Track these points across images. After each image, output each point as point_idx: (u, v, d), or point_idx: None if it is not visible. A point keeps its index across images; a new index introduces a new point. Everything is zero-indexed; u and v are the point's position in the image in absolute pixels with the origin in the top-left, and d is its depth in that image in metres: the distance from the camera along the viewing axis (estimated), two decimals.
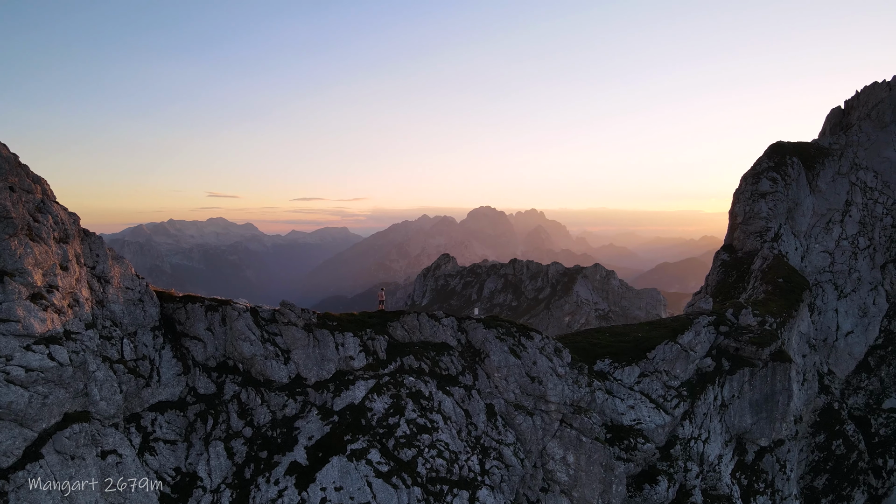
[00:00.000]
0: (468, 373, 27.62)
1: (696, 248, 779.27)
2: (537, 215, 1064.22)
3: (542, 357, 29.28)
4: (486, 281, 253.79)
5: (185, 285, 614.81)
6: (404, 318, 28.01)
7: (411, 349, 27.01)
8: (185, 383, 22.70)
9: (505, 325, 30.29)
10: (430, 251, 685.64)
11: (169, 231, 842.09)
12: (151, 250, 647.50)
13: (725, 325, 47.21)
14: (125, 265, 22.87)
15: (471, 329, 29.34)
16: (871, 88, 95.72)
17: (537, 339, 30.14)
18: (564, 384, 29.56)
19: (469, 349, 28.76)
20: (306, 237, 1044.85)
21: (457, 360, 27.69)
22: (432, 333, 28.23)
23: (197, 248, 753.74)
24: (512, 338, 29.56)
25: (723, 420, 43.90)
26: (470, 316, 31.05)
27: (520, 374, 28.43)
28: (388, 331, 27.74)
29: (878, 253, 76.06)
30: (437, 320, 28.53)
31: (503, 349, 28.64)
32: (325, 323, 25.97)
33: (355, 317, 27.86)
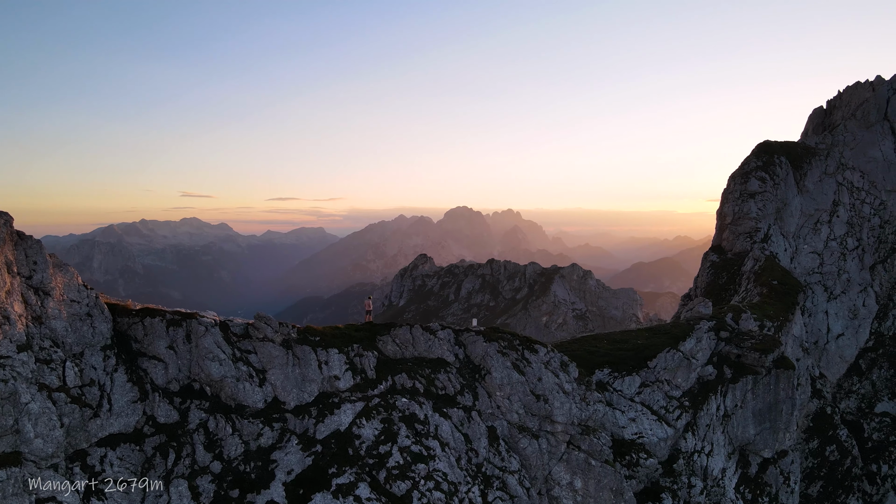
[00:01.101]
0: (467, 392, 24.71)
1: (670, 248, 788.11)
2: (514, 215, 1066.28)
3: (547, 372, 26.50)
4: (464, 281, 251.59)
5: (157, 286, 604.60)
6: (396, 331, 25.00)
7: (404, 366, 24.02)
8: (142, 411, 19.41)
9: (507, 338, 27.38)
10: (407, 251, 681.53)
11: (141, 231, 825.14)
12: (123, 251, 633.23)
13: (726, 331, 45.08)
14: (70, 274, 19.46)
15: (469, 343, 26.41)
16: (854, 88, 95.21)
17: (542, 352, 27.34)
18: (572, 402, 26.84)
19: (468, 365, 25.86)
20: (282, 237, 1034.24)
21: (455, 377, 24.75)
22: (427, 348, 25.26)
23: (170, 249, 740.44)
24: (515, 352, 26.70)
25: (725, 431, 41.70)
26: (468, 328, 28.11)
27: (524, 392, 25.61)
28: (378, 346, 24.68)
29: (866, 254, 75.02)
30: (432, 333, 25.56)
31: (505, 365, 25.77)
32: (307, 338, 22.82)
33: (340, 330, 24.70)
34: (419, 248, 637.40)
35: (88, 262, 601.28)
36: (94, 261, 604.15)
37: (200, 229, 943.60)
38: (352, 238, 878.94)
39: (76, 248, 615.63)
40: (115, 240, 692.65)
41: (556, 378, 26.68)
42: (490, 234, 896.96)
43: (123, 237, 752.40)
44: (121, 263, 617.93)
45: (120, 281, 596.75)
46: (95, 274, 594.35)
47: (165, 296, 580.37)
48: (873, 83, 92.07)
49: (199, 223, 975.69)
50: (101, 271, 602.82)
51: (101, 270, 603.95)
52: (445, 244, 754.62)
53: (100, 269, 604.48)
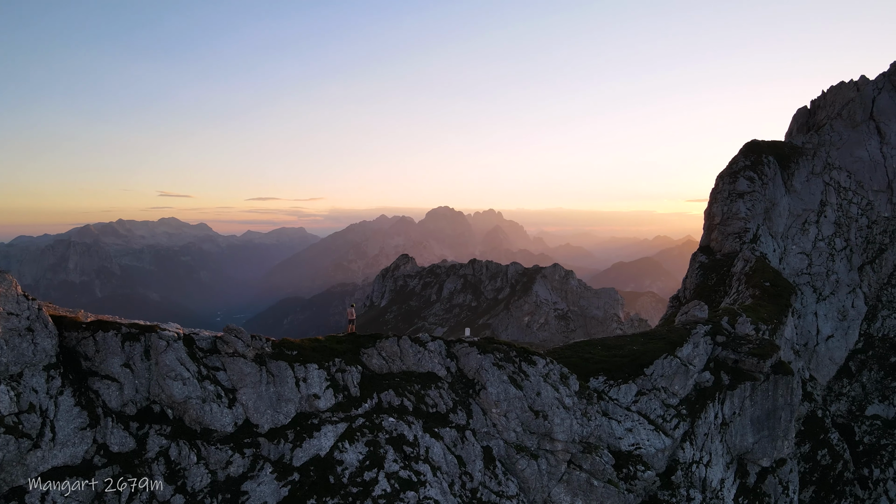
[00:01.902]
0: (461, 409, 22.51)
1: (649, 248, 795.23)
2: (495, 215, 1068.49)
3: (546, 386, 24.41)
4: (446, 281, 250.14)
5: (135, 287, 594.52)
6: (382, 343, 22.68)
7: (391, 382, 21.76)
8: (93, 439, 16.95)
9: (503, 349, 25.18)
10: (388, 251, 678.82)
11: (118, 231, 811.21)
12: (99, 251, 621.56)
13: (722, 335, 43.45)
14: (7, 282, 16.90)
15: (462, 355, 24.20)
16: (839, 88, 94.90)
17: (541, 364, 25.23)
18: (573, 418, 24.79)
19: (461, 379, 23.66)
20: (262, 237, 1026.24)
21: (447, 393, 22.54)
22: (416, 361, 23.01)
23: (148, 249, 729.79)
24: (511, 364, 24.55)
25: (724, 440, 40.05)
26: (461, 338, 25.87)
27: (522, 408, 23.49)
28: (362, 359, 22.36)
29: (854, 254, 74.33)
30: (421, 345, 23.31)
31: (502, 378, 23.62)
32: (282, 352, 20.41)
33: (320, 343, 22.25)
34: (401, 248, 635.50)
35: (64, 262, 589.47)
36: (70, 261, 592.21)
37: (179, 229, 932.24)
38: (333, 238, 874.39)
39: (51, 249, 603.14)
40: (91, 240, 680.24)
41: (555, 392, 24.60)
42: (471, 234, 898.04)
43: (100, 237, 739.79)
44: (97, 264, 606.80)
45: (96, 282, 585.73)
46: (71, 275, 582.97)
47: (143, 297, 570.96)
48: (857, 83, 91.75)
49: (177, 223, 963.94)
50: (77, 272, 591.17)
51: (77, 271, 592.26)
52: (427, 244, 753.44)
53: (76, 269, 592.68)
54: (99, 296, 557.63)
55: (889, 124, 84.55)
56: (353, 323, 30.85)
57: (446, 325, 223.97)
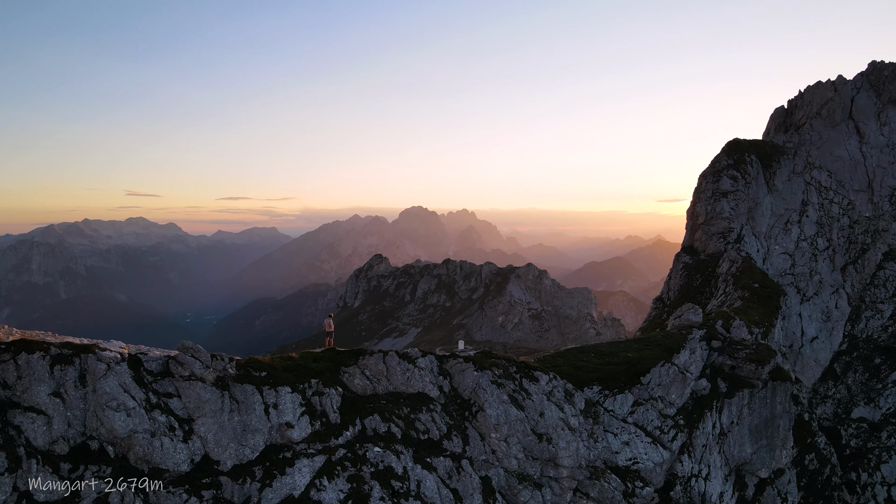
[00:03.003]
0: (456, 435, 19.72)
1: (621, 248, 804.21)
2: (468, 215, 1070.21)
3: (550, 405, 21.79)
4: (420, 281, 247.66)
5: (102, 288, 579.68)
6: (365, 360, 19.72)
7: (376, 405, 18.86)
8: (13, 486, 13.79)
9: (502, 364, 22.40)
10: (361, 251, 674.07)
11: (84, 231, 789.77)
12: (64, 252, 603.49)
13: (717, 340, 41.48)
14: None
15: (457, 372, 21.35)
16: (816, 88, 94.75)
17: (543, 380, 22.59)
18: (579, 440, 22.24)
19: (455, 400, 20.86)
20: (233, 237, 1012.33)
21: (440, 416, 19.72)
22: (405, 380, 20.14)
23: (115, 250, 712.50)
24: (512, 381, 21.83)
25: (722, 451, 38.05)
26: (455, 353, 23.02)
27: (524, 431, 20.82)
28: (343, 379, 19.39)
29: (837, 255, 73.60)
30: (410, 361, 20.41)
31: (501, 398, 20.87)
32: (249, 374, 17.32)
33: (294, 361, 19.04)
34: (374, 248, 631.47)
35: (27, 263, 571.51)
36: (33, 262, 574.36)
37: (147, 229, 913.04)
38: (305, 238, 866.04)
39: (13, 249, 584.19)
40: (55, 240, 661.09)
41: (560, 412, 21.98)
42: (445, 233, 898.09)
43: (65, 237, 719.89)
44: (62, 265, 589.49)
45: (61, 283, 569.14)
46: (34, 276, 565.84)
47: (110, 298, 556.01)
48: (835, 83, 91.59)
49: (146, 223, 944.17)
50: (41, 273, 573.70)
51: (41, 272, 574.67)
52: (400, 244, 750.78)
53: (39, 270, 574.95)
54: (63, 297, 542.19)
55: (868, 124, 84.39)
56: (331, 336, 27.74)
57: (420, 325, 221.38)
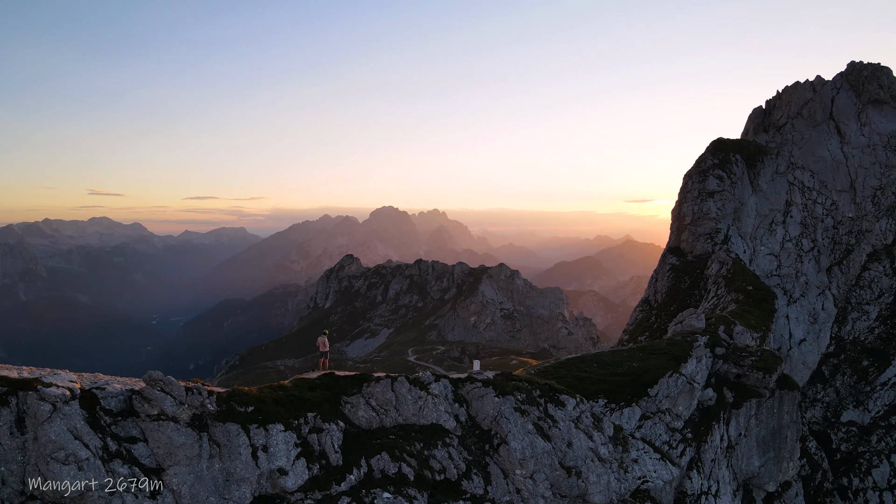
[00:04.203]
0: (476, 473, 16.75)
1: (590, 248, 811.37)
2: (439, 215, 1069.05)
3: (578, 434, 19.10)
4: (392, 282, 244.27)
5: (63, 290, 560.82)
6: (370, 387, 16.56)
7: (384, 442, 15.80)
8: None
9: (524, 388, 19.44)
10: (332, 252, 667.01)
11: (44, 231, 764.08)
12: (23, 252, 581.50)
13: (721, 347, 39.50)
14: None
15: (475, 398, 18.32)
16: (794, 88, 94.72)
17: (570, 405, 19.86)
18: (609, 472, 19.62)
19: (473, 430, 17.92)
20: (201, 238, 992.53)
21: (457, 452, 16.78)
22: (417, 410, 17.09)
23: (77, 250, 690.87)
24: (536, 407, 18.99)
25: (730, 465, 36.07)
26: (471, 375, 19.98)
27: (551, 465, 18.02)
28: (345, 411, 16.17)
29: (822, 255, 72.90)
30: (422, 387, 17.34)
31: (526, 428, 17.99)
32: (233, 410, 14.10)
33: (286, 392, 15.56)
34: (345, 248, 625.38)
35: None
36: None
37: (111, 229, 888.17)
38: (275, 238, 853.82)
39: None
40: (14, 240, 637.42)
41: (589, 441, 19.33)
42: (416, 233, 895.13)
43: (24, 237, 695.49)
44: (21, 266, 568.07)
45: (20, 285, 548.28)
46: None
47: (72, 300, 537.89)
48: (813, 83, 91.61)
49: (109, 223, 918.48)
50: None
51: None
52: (371, 244, 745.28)
53: None
54: (23, 299, 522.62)
55: (848, 124, 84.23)
56: (326, 356, 24.50)
57: (392, 326, 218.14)
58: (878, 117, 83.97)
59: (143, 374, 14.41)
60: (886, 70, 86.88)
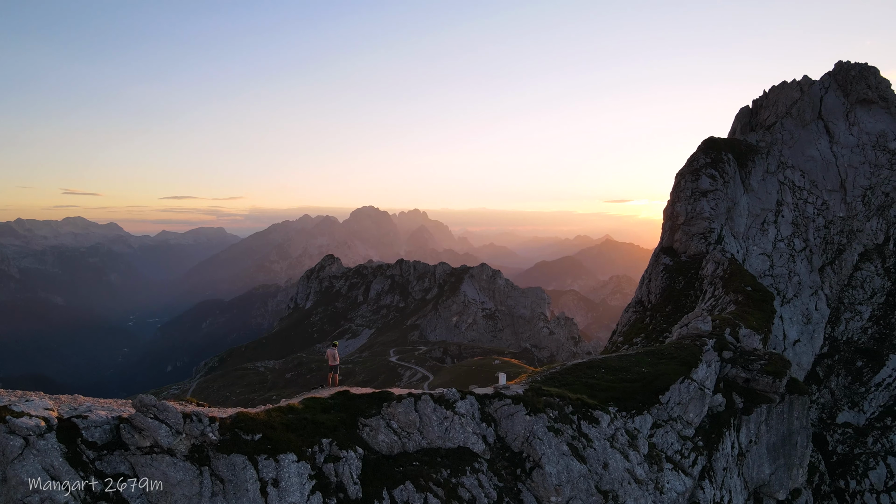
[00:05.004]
0: (508, 501, 15.01)
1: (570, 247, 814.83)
2: (420, 215, 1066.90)
3: (614, 454, 17.45)
4: (373, 282, 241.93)
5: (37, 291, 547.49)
6: (391, 408, 14.57)
7: (408, 469, 13.85)
8: None
9: (556, 404, 17.63)
10: (312, 252, 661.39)
11: (17, 231, 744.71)
12: None
13: (728, 350, 38.23)
14: None
15: (503, 417, 16.41)
16: (781, 88, 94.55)
17: (605, 421, 18.22)
18: (646, 494, 18.05)
19: (503, 453, 16.07)
20: (178, 238, 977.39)
21: (487, 478, 14.89)
22: (443, 432, 15.16)
23: (51, 251, 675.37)
24: (570, 426, 17.18)
25: (741, 473, 34.81)
26: (498, 390, 18.04)
27: (587, 490, 16.23)
28: (363, 435, 14.14)
29: (814, 255, 72.41)
30: (448, 406, 15.34)
31: (560, 450, 16.18)
32: (237, 438, 12.07)
33: (297, 414, 13.29)
34: (325, 248, 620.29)
35: None
36: None
37: (86, 229, 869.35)
38: (254, 238, 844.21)
39: None
40: None
41: (625, 460, 17.69)
42: (397, 233, 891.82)
43: None
44: None
45: None
46: None
47: (46, 301, 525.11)
48: (801, 83, 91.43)
49: (84, 223, 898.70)
50: None
51: None
52: (352, 244, 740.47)
53: None
54: None
55: (837, 123, 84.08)
56: (336, 370, 22.28)
57: (374, 326, 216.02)
58: (866, 117, 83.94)
59: (120, 376, 12.39)
60: (874, 70, 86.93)
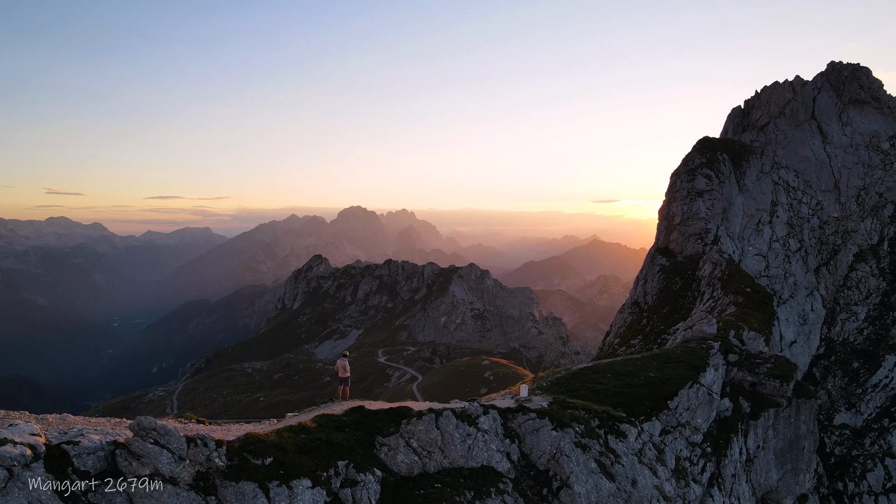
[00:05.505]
0: None
1: (558, 247, 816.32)
2: (408, 215, 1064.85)
3: (642, 469, 16.41)
4: (361, 282, 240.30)
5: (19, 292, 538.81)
6: (410, 425, 13.36)
7: (429, 492, 12.64)
8: None
9: (582, 418, 16.53)
10: (299, 252, 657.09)
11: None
12: None
13: (734, 354, 37.47)
14: None
15: (528, 432, 15.27)
16: (773, 88, 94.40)
17: (632, 435, 17.13)
18: None
19: (528, 471, 14.94)
20: (164, 238, 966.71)
21: (512, 499, 13.81)
22: (465, 450, 13.98)
23: (34, 251, 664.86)
24: (597, 440, 16.10)
25: (749, 480, 34.05)
26: (521, 402, 16.84)
27: None
28: (381, 456, 12.91)
29: (810, 256, 72.10)
30: (470, 422, 14.11)
31: (589, 467, 15.11)
32: (247, 463, 10.87)
33: (310, 434, 11.88)
34: (312, 248, 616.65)
35: None
36: None
37: (70, 229, 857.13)
38: (241, 238, 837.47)
39: None
40: None
41: (653, 476, 16.65)
42: (384, 233, 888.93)
43: None
44: None
45: None
46: None
47: (29, 303, 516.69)
48: (793, 83, 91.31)
49: (68, 223, 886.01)
50: None
51: None
52: (339, 244, 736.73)
53: None
54: None
55: (830, 124, 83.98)
56: (347, 383, 20.86)
57: (362, 326, 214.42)
58: (859, 117, 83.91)
59: (105, 378, 11.10)
60: (866, 70, 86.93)
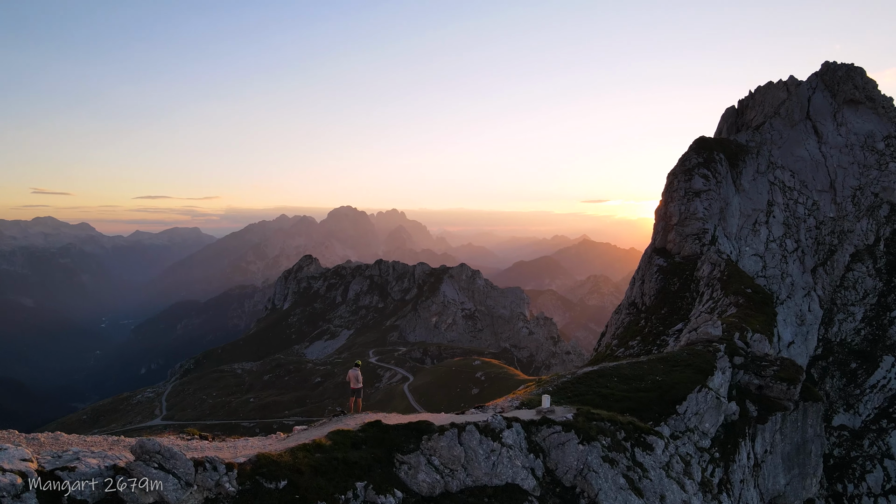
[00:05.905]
0: None
1: (548, 247, 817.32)
2: (398, 215, 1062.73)
3: (670, 484, 15.59)
4: (352, 283, 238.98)
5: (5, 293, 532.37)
6: (433, 441, 12.40)
7: None
8: None
9: (608, 430, 15.72)
10: (289, 252, 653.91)
11: None
12: None
13: (739, 356, 36.87)
14: None
15: (553, 446, 14.34)
16: (767, 88, 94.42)
17: (659, 448, 16.31)
18: None
19: (553, 488, 14.02)
20: (152, 238, 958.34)
21: None
22: (490, 467, 13.03)
23: (20, 251, 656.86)
24: (623, 454, 15.29)
25: (757, 485, 33.42)
26: (545, 415, 15.92)
27: None
28: (401, 475, 12.00)
29: (806, 256, 71.85)
30: (494, 437, 13.22)
31: (617, 483, 14.21)
32: (259, 487, 9.78)
33: (325, 452, 10.68)
34: (302, 248, 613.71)
35: None
36: None
37: (57, 229, 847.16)
38: (230, 238, 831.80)
39: None
40: None
41: (682, 491, 15.81)
42: (375, 233, 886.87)
43: None
44: None
45: None
46: None
47: (15, 304, 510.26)
48: (787, 83, 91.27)
49: (55, 223, 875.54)
50: None
51: None
52: (329, 244, 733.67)
53: None
54: None
55: (825, 124, 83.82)
56: (359, 394, 19.80)
57: (353, 327, 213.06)
58: (853, 117, 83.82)
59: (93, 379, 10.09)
60: (860, 70, 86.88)
